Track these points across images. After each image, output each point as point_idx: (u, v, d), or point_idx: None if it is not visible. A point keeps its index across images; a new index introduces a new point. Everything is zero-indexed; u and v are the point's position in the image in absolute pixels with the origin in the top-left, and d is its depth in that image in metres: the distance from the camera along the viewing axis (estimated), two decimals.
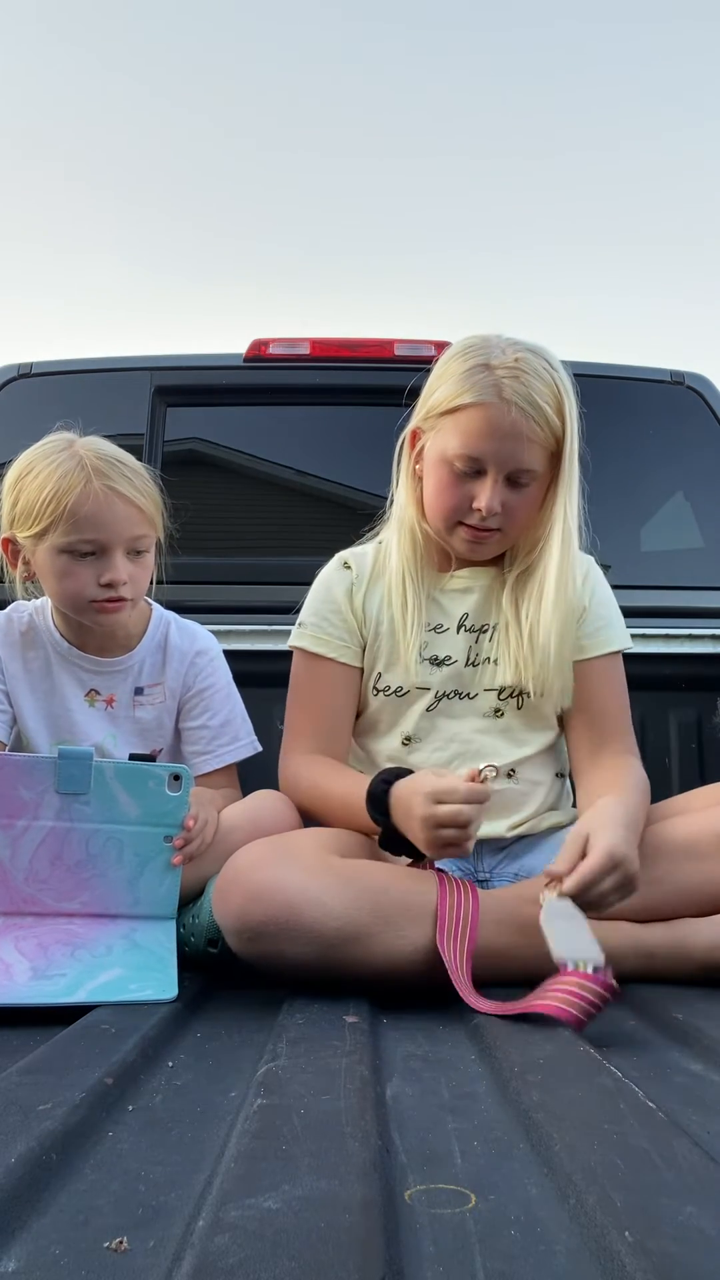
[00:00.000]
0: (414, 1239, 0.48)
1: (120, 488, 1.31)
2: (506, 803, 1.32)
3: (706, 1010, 0.93)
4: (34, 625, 1.44)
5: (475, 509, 1.25)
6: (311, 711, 1.36)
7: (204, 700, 1.46)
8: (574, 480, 1.28)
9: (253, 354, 2.17)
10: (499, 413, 1.21)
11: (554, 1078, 0.71)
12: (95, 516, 1.30)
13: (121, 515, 1.31)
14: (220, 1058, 0.83)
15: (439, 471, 1.28)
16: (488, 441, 1.22)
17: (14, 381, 2.16)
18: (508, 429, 1.21)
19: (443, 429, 1.27)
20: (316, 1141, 0.58)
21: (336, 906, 0.99)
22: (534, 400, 1.21)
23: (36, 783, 1.12)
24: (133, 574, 1.35)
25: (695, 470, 2.15)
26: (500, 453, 1.23)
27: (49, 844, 1.12)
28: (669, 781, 1.92)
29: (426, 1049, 0.84)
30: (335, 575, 1.39)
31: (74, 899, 1.13)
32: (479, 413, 1.22)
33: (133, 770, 1.16)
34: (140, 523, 1.34)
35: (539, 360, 1.24)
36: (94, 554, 1.32)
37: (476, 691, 1.33)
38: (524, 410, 1.21)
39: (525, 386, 1.21)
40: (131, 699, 1.44)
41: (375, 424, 2.24)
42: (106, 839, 1.13)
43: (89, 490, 1.29)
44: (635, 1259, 0.44)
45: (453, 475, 1.26)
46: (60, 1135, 0.59)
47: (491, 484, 1.24)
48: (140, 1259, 0.46)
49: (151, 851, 1.14)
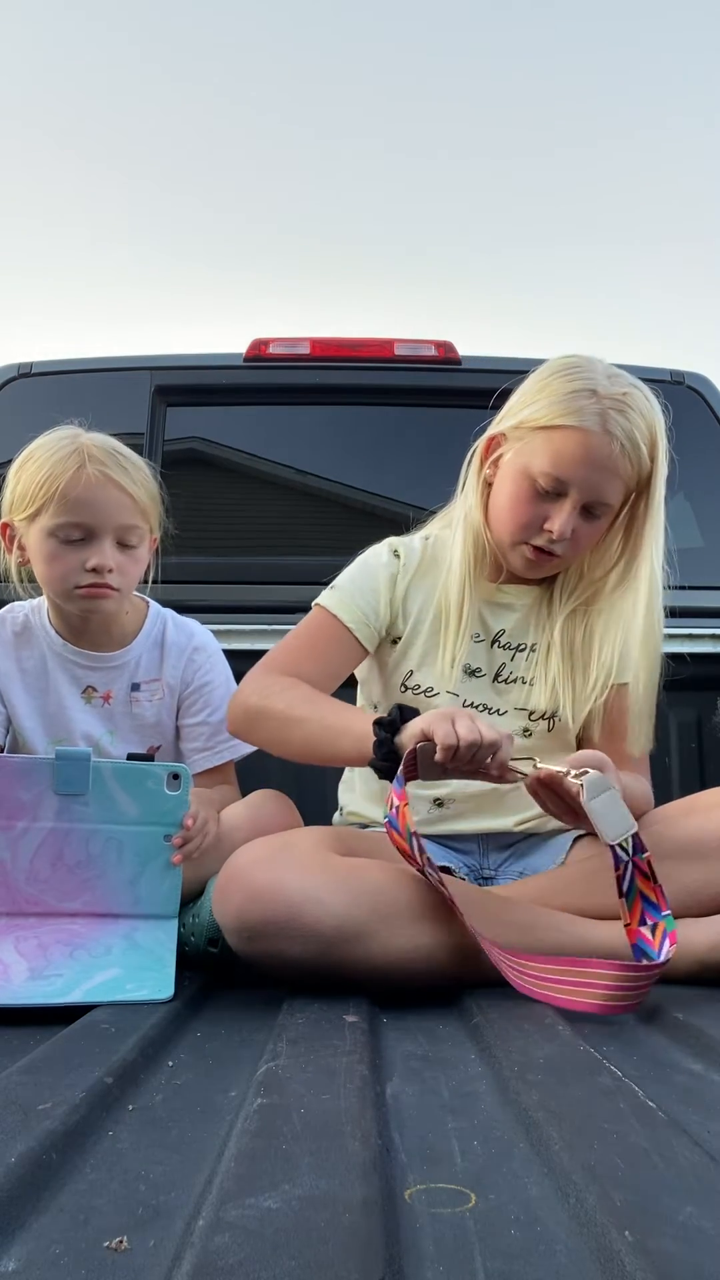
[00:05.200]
0: (414, 1239, 0.48)
1: (113, 474, 1.32)
2: (516, 800, 1.32)
3: (706, 1010, 0.93)
4: (29, 624, 1.44)
5: (546, 530, 1.24)
6: (303, 649, 1.32)
7: (203, 696, 1.46)
8: (660, 521, 1.28)
9: (253, 354, 2.17)
10: (600, 442, 1.20)
11: (554, 1078, 0.71)
12: (85, 500, 1.31)
13: (112, 501, 1.32)
14: (220, 1057, 0.83)
15: (518, 485, 1.26)
16: (580, 468, 1.21)
17: (14, 381, 2.16)
18: (603, 460, 1.20)
19: (532, 443, 1.25)
20: (316, 1141, 0.58)
21: (336, 905, 0.99)
22: (634, 438, 1.21)
23: (35, 784, 1.12)
24: (121, 564, 1.35)
25: (695, 470, 2.15)
26: (588, 481, 1.22)
27: (49, 845, 1.12)
28: (669, 781, 1.92)
29: (426, 1049, 0.84)
30: (383, 559, 1.37)
31: (76, 899, 1.13)
32: (578, 437, 1.20)
33: (131, 770, 1.15)
34: (131, 512, 1.34)
35: (643, 399, 1.23)
36: (83, 539, 1.33)
37: (506, 709, 1.33)
38: (624, 446, 1.20)
39: (629, 422, 1.20)
40: (129, 695, 1.44)
41: (375, 424, 2.25)
42: (106, 839, 1.13)
43: (81, 475, 1.31)
44: (635, 1258, 0.44)
45: (532, 492, 1.24)
46: (60, 1135, 0.59)
47: (570, 509, 1.23)
48: (140, 1258, 0.46)
49: (152, 851, 1.14)
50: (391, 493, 2.18)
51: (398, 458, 2.18)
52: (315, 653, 1.32)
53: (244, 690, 1.29)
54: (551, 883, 1.20)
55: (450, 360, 2.15)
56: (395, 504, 2.13)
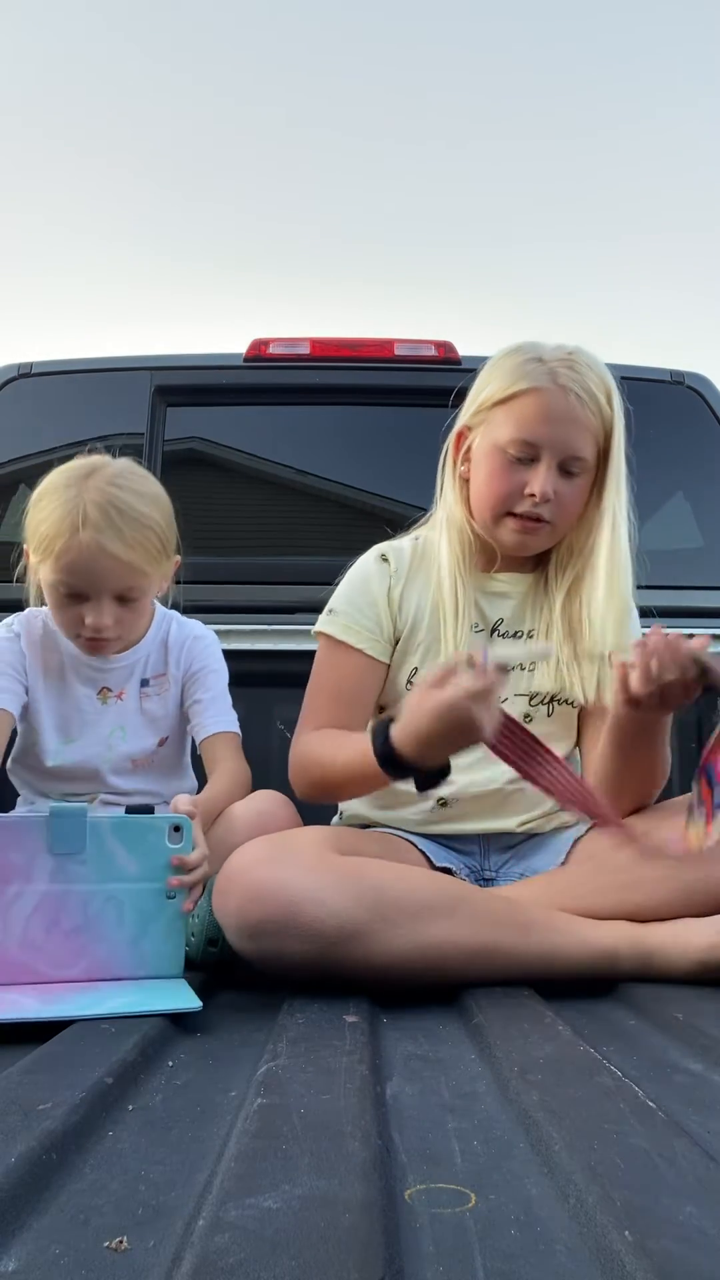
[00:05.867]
0: (414, 1239, 0.48)
1: (108, 544, 1.30)
2: (520, 801, 1.32)
3: (706, 1010, 0.93)
4: (48, 629, 1.48)
5: (528, 495, 1.26)
6: (329, 697, 1.34)
7: (203, 680, 1.51)
8: (622, 474, 1.30)
9: (253, 354, 2.17)
10: (555, 397, 1.24)
11: (554, 1078, 0.71)
12: (79, 567, 1.32)
13: (106, 570, 1.32)
14: (220, 1057, 0.83)
15: (491, 461, 1.28)
16: (544, 425, 1.24)
17: (14, 381, 2.16)
18: (563, 413, 1.24)
19: (494, 420, 1.28)
20: (316, 1141, 0.58)
21: (336, 904, 0.99)
22: (588, 387, 1.24)
23: (28, 844, 1.05)
24: (121, 617, 1.38)
25: (695, 470, 2.15)
26: (555, 437, 1.24)
27: (44, 909, 1.04)
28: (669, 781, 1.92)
29: (426, 1049, 0.84)
30: (373, 568, 1.37)
31: (74, 966, 1.04)
32: (535, 398, 1.24)
33: (130, 824, 1.10)
34: (128, 576, 1.34)
35: (588, 355, 1.28)
36: (81, 596, 1.35)
37: (506, 696, 1.32)
38: (579, 396, 1.23)
39: (579, 374, 1.24)
40: (139, 692, 1.49)
41: (376, 424, 2.25)
42: (105, 899, 1.05)
43: (75, 542, 1.30)
44: (635, 1258, 0.44)
45: (505, 462, 1.27)
46: (60, 1135, 0.59)
47: (545, 469, 1.25)
48: (140, 1258, 0.46)
49: (153, 910, 1.06)
50: (391, 493, 2.18)
51: (398, 458, 2.18)
52: (338, 693, 1.34)
53: (293, 764, 1.33)
54: (552, 883, 1.20)
55: (450, 360, 2.15)
56: (395, 504, 2.13)
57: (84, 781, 1.49)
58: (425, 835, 1.32)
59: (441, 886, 1.09)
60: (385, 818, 1.36)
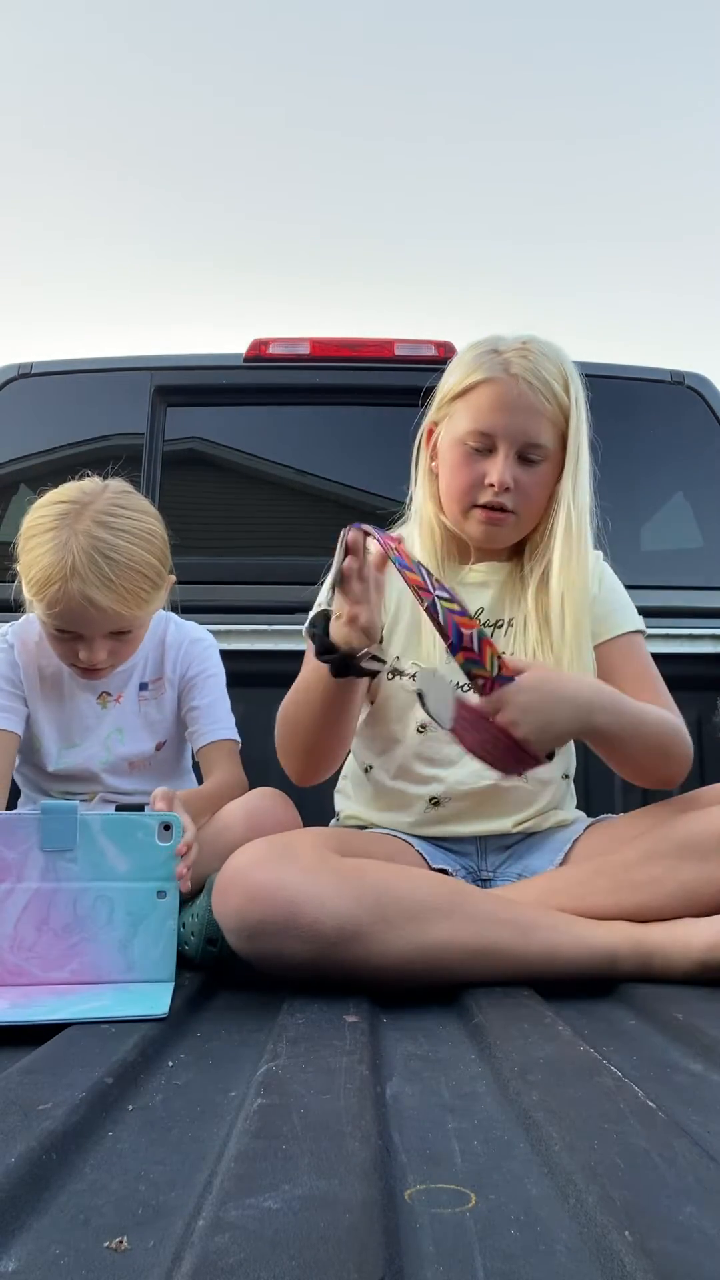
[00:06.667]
0: (414, 1239, 0.48)
1: (97, 596, 1.28)
2: (514, 800, 1.32)
3: (706, 1010, 0.93)
4: (44, 636, 1.47)
5: (488, 485, 1.27)
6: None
7: (200, 685, 1.51)
8: (581, 462, 1.30)
9: (253, 354, 2.18)
10: (507, 387, 1.25)
11: (554, 1078, 0.71)
12: (68, 616, 1.32)
13: (93, 619, 1.32)
14: (220, 1057, 0.83)
15: (453, 454, 1.30)
16: (497, 415, 1.26)
17: (14, 381, 2.16)
18: (515, 401, 1.25)
19: (454, 413, 1.30)
20: (316, 1141, 0.58)
21: (336, 905, 0.99)
22: (541, 375, 1.25)
23: (20, 841, 1.06)
24: (115, 649, 1.38)
25: (695, 470, 2.15)
26: (510, 426, 1.26)
27: (35, 907, 1.05)
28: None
29: (426, 1049, 0.84)
30: None
31: (64, 967, 1.05)
32: (487, 389, 1.26)
33: (120, 822, 1.10)
34: (119, 621, 1.34)
35: (544, 343, 1.28)
36: (74, 634, 1.35)
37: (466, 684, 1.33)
38: (531, 384, 1.24)
39: (532, 362, 1.25)
40: (137, 694, 1.50)
41: (375, 424, 2.25)
42: (96, 898, 1.06)
43: (63, 592, 1.28)
44: (635, 1259, 0.44)
45: (466, 454, 1.28)
46: (60, 1135, 0.59)
47: (503, 458, 1.26)
48: (140, 1258, 0.46)
49: (144, 910, 1.07)
50: (391, 493, 2.17)
51: (398, 458, 2.17)
52: None
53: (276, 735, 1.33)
54: (552, 884, 1.20)
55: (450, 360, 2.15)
56: (395, 504, 2.13)
57: (84, 782, 1.50)
58: (420, 837, 1.32)
59: (441, 887, 1.09)
60: (383, 819, 1.36)
